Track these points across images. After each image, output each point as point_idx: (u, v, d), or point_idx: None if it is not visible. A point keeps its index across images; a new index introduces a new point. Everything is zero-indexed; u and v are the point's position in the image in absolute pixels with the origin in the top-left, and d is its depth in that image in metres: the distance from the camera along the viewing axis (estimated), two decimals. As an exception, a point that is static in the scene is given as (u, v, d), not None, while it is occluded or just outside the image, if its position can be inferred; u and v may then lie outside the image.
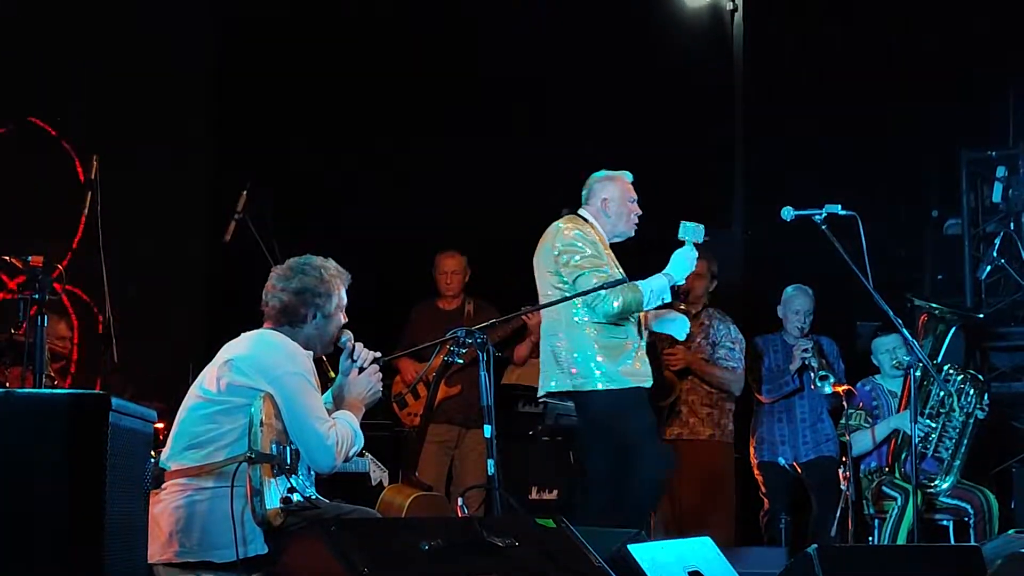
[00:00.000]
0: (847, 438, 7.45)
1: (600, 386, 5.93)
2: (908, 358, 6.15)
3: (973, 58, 8.74)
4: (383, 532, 4.09)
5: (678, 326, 6.30)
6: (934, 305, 7.20)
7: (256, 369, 4.47)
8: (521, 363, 8.33)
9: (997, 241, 7.50)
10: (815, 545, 4.88)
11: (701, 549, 4.89)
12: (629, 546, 4.45)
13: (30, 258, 4.44)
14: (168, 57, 8.89)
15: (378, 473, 6.06)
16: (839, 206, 6.03)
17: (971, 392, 7.19)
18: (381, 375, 4.87)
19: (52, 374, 6.56)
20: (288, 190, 8.83)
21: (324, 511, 4.43)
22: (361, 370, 4.83)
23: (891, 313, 6.02)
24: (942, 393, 7.11)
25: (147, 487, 3.90)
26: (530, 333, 7.87)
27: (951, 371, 7.18)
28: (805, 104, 9.19)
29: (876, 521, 7.34)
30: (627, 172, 6.31)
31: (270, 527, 4.31)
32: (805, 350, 7.59)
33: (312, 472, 4.65)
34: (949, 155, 8.90)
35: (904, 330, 6.11)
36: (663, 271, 6.01)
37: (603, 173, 6.32)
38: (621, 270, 6.08)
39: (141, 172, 8.35)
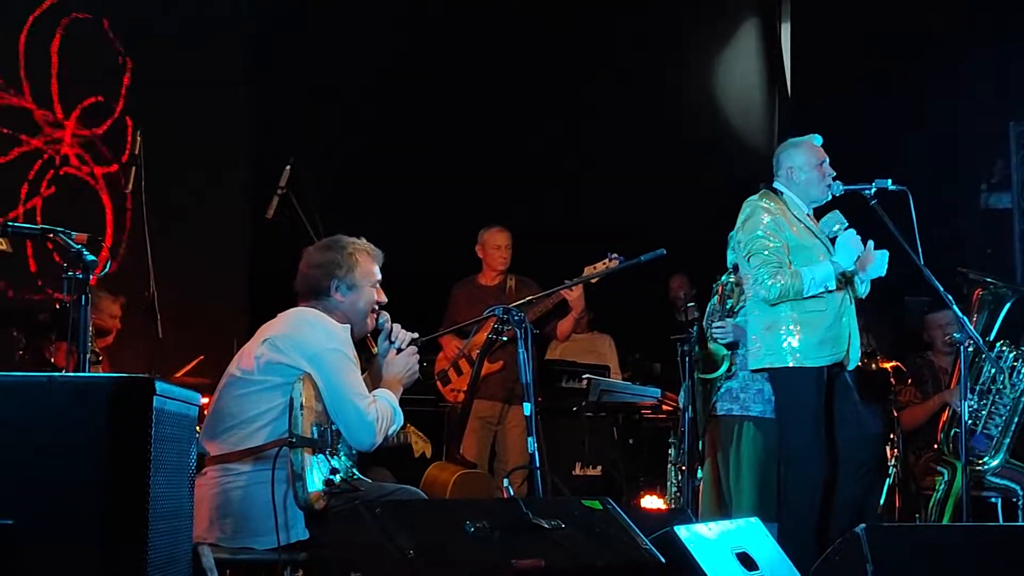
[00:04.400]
0: (896, 416, 7.39)
1: (793, 363, 5.92)
2: (959, 335, 6.06)
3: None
4: (428, 514, 4.06)
5: (878, 264, 6.17)
6: (989, 279, 7.09)
7: (294, 347, 4.45)
8: (564, 339, 8.28)
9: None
10: (863, 524, 4.83)
11: (749, 530, 4.84)
12: (675, 528, 4.41)
13: (75, 235, 4.39)
14: (210, 30, 8.87)
15: (421, 445, 6.04)
16: (889, 181, 5.96)
17: (1023, 370, 7.09)
18: (419, 356, 4.84)
19: (97, 350, 6.56)
20: (331, 166, 8.82)
21: (367, 492, 4.41)
22: (399, 351, 4.80)
23: (941, 289, 5.94)
24: (993, 370, 7.02)
25: (192, 471, 3.88)
26: (572, 309, 7.81)
27: (1004, 348, 7.08)
28: (850, 80, 9.12)
29: (923, 497, 7.28)
30: (816, 136, 6.22)
31: (312, 511, 4.30)
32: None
33: (354, 450, 4.63)
34: (996, 129, 8.81)
35: (955, 307, 6.02)
36: (831, 257, 5.97)
37: (789, 141, 6.27)
38: (821, 238, 6.06)
39: (184, 148, 8.34)
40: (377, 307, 4.78)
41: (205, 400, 4.85)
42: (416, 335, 4.91)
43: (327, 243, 4.78)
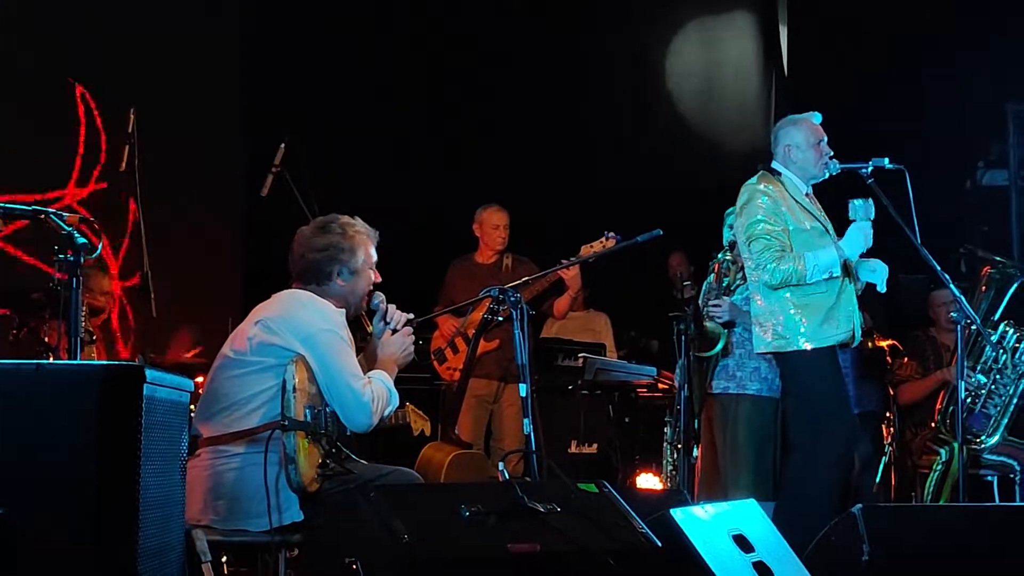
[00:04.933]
0: (893, 392, 7.38)
1: (806, 346, 5.88)
2: (956, 314, 6.04)
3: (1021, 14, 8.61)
4: (424, 498, 4.05)
5: (879, 276, 6.16)
6: (999, 258, 7.06)
7: (288, 328, 4.43)
8: (561, 317, 8.26)
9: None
10: (860, 505, 4.82)
11: (745, 512, 4.83)
12: (671, 511, 4.39)
13: (66, 216, 4.35)
14: (203, 8, 8.81)
15: (420, 423, 6.02)
16: (886, 160, 5.93)
17: (1026, 351, 7.07)
18: (413, 336, 4.82)
19: (92, 328, 6.54)
20: (326, 144, 8.79)
21: (361, 475, 4.40)
22: (394, 331, 4.78)
23: (938, 268, 5.92)
24: (998, 350, 7.00)
25: (184, 457, 3.85)
26: (569, 287, 7.79)
27: (1007, 328, 7.05)
28: (848, 59, 9.10)
29: (919, 475, 7.26)
30: (815, 113, 6.17)
31: (306, 493, 4.29)
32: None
33: (348, 431, 4.61)
34: (991, 107, 8.80)
35: (952, 286, 6.00)
36: (836, 242, 5.93)
37: (788, 118, 6.21)
38: (818, 216, 6.02)
39: (179, 125, 8.30)
40: (372, 288, 4.77)
41: (200, 379, 4.83)
42: (411, 315, 4.90)
43: (324, 224, 4.72)
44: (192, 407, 4.31)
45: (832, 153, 6.09)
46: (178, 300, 7.58)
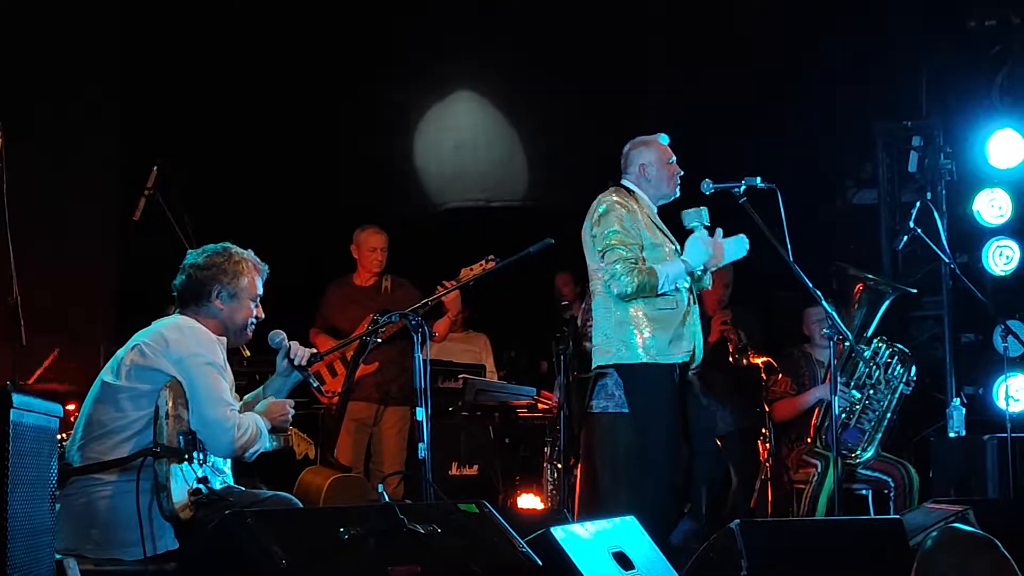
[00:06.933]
0: (768, 409, 7.46)
1: (647, 360, 5.92)
2: (828, 330, 6.13)
3: (886, 35, 8.79)
4: (302, 522, 3.99)
5: (736, 248, 6.16)
6: (870, 276, 7.18)
7: (161, 351, 4.42)
8: (440, 340, 8.23)
9: (914, 211, 7.48)
10: (738, 520, 4.86)
11: (625, 529, 4.85)
12: (552, 529, 4.39)
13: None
14: (75, 30, 8.68)
15: (304, 446, 5.96)
16: (758, 179, 6.00)
17: (898, 367, 7.18)
18: (293, 411, 4.84)
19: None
20: (201, 166, 8.69)
21: (238, 501, 4.35)
22: (301, 369, 4.77)
23: (810, 285, 6.00)
24: (871, 365, 7.12)
25: (54, 485, 3.76)
26: (448, 310, 7.78)
27: (880, 344, 7.17)
28: (719, 78, 9.21)
29: (795, 490, 7.35)
30: (662, 135, 6.23)
31: (180, 521, 4.24)
32: (724, 322, 7.58)
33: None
34: (859, 127, 8.95)
35: (824, 302, 6.09)
36: (681, 256, 5.98)
37: (638, 139, 6.24)
38: (669, 235, 6.07)
39: (48, 147, 8.14)
40: (255, 321, 4.75)
41: (71, 407, 4.73)
42: (315, 350, 4.91)
43: (212, 248, 4.75)
44: (63, 435, 4.23)
45: (683, 172, 6.18)
46: (49, 326, 7.42)
